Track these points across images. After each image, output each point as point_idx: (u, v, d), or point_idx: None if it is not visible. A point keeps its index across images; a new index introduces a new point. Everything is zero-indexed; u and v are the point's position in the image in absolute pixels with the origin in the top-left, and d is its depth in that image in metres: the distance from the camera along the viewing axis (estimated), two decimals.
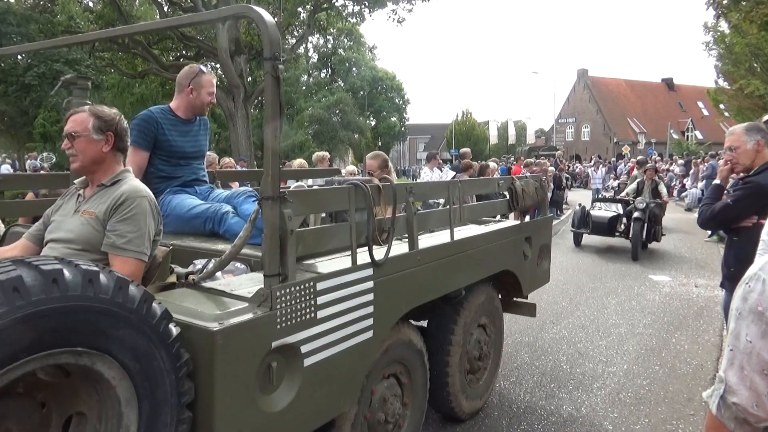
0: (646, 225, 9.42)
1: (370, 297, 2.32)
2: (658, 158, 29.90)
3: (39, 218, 2.28)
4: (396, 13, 17.44)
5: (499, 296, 4.04)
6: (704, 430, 1.40)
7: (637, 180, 10.54)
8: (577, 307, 6.49)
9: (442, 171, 10.00)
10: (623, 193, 10.59)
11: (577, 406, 3.89)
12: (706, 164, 17.15)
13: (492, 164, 10.97)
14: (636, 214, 9.37)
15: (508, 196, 3.83)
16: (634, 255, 9.34)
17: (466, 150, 10.79)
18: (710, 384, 4.22)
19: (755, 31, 16.75)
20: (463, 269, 3.17)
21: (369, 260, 2.32)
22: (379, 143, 46.35)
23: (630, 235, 9.53)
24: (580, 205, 11.10)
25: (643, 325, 5.78)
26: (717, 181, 3.45)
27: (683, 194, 19.30)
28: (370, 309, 2.33)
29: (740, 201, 3.14)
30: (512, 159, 22.85)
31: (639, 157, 15.06)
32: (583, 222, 10.17)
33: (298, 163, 8.01)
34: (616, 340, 5.33)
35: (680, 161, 23.72)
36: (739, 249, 3.14)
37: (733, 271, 3.12)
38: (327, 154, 8.44)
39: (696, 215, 3.41)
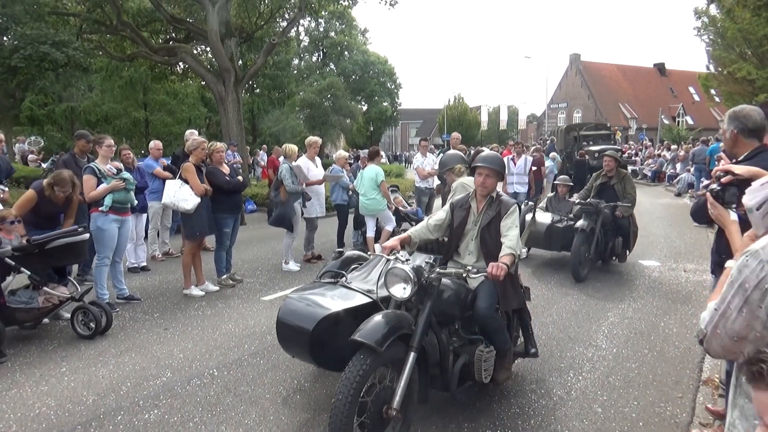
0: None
1: None
2: (649, 143, 30.08)
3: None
4: None
5: None
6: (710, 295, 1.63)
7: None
8: (567, 292, 6.55)
9: (436, 156, 9.95)
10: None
11: (568, 390, 3.94)
12: (694, 147, 17.28)
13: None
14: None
15: None
16: None
17: (455, 134, 10.58)
18: (697, 367, 4.28)
19: (748, 16, 16.74)
20: None
21: None
22: (371, 128, 46.19)
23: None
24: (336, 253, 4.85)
25: (633, 310, 5.85)
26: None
27: (674, 180, 19.43)
28: None
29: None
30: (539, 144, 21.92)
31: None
32: None
33: (290, 148, 7.95)
34: (606, 324, 5.39)
35: (673, 146, 23.96)
36: None
37: (725, 258, 3.12)
38: (319, 139, 8.39)
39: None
